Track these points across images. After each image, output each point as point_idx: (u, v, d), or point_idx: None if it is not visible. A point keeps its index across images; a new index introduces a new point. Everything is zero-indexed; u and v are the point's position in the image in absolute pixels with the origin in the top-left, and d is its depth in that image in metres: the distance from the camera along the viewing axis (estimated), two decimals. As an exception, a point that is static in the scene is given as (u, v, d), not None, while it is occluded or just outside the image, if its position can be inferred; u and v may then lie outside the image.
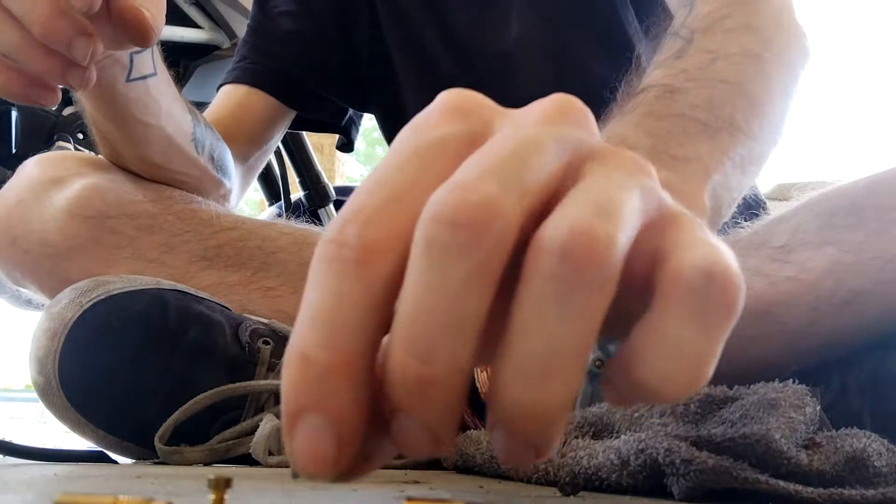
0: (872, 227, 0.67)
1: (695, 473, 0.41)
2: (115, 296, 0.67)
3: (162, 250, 0.76)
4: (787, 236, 0.70)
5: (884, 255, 0.66)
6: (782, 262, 0.69)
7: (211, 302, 0.72)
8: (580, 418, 0.53)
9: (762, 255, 0.70)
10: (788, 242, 0.70)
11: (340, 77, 1.03)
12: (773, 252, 0.70)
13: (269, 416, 0.65)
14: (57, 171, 0.79)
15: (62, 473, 0.55)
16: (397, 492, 0.47)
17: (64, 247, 0.75)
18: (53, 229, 0.75)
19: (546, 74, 0.94)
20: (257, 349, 0.69)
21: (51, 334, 0.66)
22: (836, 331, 0.67)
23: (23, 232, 0.76)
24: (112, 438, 0.67)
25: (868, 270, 0.66)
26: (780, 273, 0.69)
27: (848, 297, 0.67)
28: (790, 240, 0.70)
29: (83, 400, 0.66)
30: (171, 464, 0.64)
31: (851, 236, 0.67)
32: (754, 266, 0.70)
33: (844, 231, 0.68)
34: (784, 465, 0.43)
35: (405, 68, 0.99)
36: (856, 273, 0.66)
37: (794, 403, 0.49)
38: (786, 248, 0.69)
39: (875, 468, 0.46)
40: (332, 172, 4.55)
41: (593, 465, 0.46)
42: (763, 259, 0.70)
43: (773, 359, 0.68)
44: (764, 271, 0.69)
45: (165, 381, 0.66)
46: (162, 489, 0.45)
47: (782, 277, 0.68)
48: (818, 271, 0.67)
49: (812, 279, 0.68)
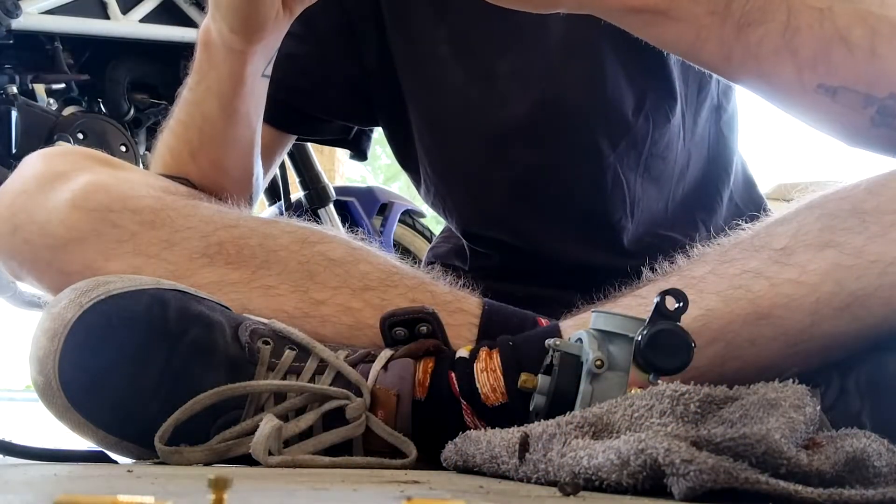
0: (873, 229, 0.67)
1: (695, 473, 0.41)
2: (116, 296, 0.67)
3: (163, 246, 0.76)
4: (788, 239, 0.70)
5: (884, 259, 0.66)
6: (783, 264, 0.69)
7: (211, 302, 0.72)
8: (580, 418, 0.53)
9: (763, 257, 0.70)
10: (789, 245, 0.69)
11: (345, 96, 1.02)
12: (775, 254, 0.70)
13: (268, 416, 0.65)
14: (62, 165, 0.79)
15: (62, 473, 0.55)
16: (397, 492, 0.47)
17: (65, 238, 0.75)
18: (55, 220, 0.75)
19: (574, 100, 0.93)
20: (257, 349, 0.69)
21: (51, 334, 0.66)
22: (836, 333, 0.67)
23: (25, 222, 0.76)
24: (112, 438, 0.67)
25: (868, 274, 0.66)
26: (781, 275, 0.69)
27: (848, 301, 0.67)
28: (791, 242, 0.69)
29: (83, 400, 0.66)
30: (171, 464, 0.64)
31: (852, 239, 0.67)
32: (755, 268, 0.70)
33: (845, 234, 0.68)
34: (784, 465, 0.43)
35: (412, 84, 0.98)
36: (856, 276, 0.66)
37: (794, 403, 0.49)
38: (787, 251, 0.69)
39: (875, 468, 0.46)
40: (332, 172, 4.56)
41: (593, 465, 0.46)
42: (764, 261, 0.70)
43: (773, 362, 0.68)
44: (765, 273, 0.69)
45: (165, 380, 0.66)
46: (162, 489, 0.45)
47: (783, 280, 0.68)
48: (819, 274, 0.67)
49: (813, 282, 0.67)
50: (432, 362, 0.71)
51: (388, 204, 2.11)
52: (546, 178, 0.93)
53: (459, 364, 0.70)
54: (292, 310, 0.76)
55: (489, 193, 0.96)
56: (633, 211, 0.93)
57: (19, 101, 1.76)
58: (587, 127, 0.91)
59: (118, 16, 1.86)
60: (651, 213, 0.94)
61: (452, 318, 0.77)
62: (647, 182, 0.93)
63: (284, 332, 0.71)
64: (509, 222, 0.96)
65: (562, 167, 0.93)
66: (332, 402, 0.67)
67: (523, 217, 0.95)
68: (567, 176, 0.93)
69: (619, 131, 0.91)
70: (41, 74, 1.85)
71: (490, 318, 0.78)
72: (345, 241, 0.81)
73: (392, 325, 0.72)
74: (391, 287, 0.78)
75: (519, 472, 0.53)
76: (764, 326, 0.68)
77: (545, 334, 0.71)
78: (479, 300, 0.80)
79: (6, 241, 0.77)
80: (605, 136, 0.91)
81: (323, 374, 0.69)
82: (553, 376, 0.63)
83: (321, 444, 0.67)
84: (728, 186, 1.00)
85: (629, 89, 0.91)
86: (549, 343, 0.64)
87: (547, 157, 0.93)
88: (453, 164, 0.98)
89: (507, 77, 0.93)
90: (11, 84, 1.78)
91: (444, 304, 0.77)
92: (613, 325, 0.62)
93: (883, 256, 0.66)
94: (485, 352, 0.71)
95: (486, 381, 0.69)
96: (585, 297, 0.77)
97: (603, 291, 0.77)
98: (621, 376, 0.61)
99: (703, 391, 0.52)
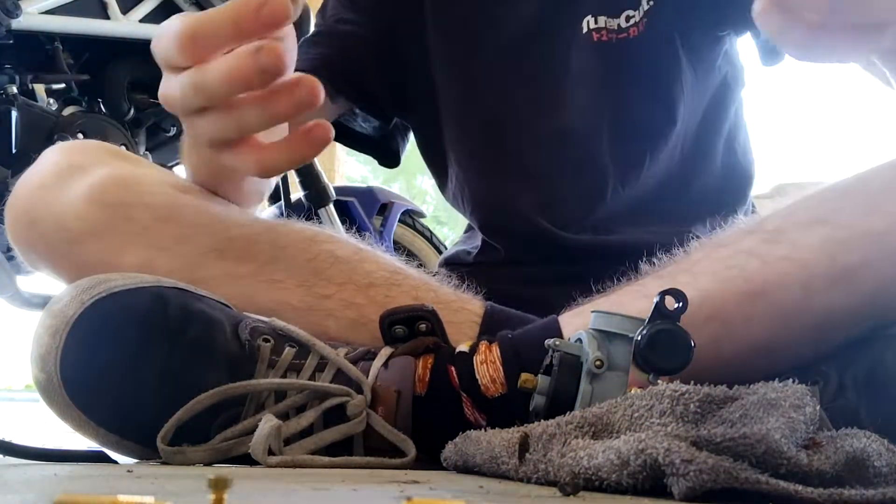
0: (862, 209, 0.68)
1: (695, 473, 0.41)
2: (117, 293, 0.67)
3: (175, 240, 0.77)
4: (779, 220, 0.72)
5: (875, 229, 0.67)
6: (775, 242, 0.70)
7: (211, 300, 0.72)
8: (580, 418, 0.53)
9: (755, 238, 0.71)
10: (781, 225, 0.71)
11: (386, 83, 1.04)
12: (766, 234, 0.71)
13: (268, 416, 0.65)
14: (81, 159, 0.80)
15: (62, 473, 0.55)
16: (397, 492, 0.47)
17: (79, 232, 0.75)
18: (71, 214, 0.76)
19: (599, 105, 0.96)
20: (257, 347, 0.69)
21: (52, 332, 0.66)
22: (829, 308, 0.68)
23: (42, 215, 0.77)
24: (113, 437, 0.67)
25: (860, 246, 0.67)
26: (774, 253, 0.69)
27: (841, 273, 0.67)
28: (782, 223, 0.71)
29: (84, 397, 0.66)
30: (173, 464, 0.64)
31: (842, 215, 0.69)
32: (747, 248, 0.71)
33: (836, 212, 0.69)
34: (784, 465, 0.43)
35: (446, 82, 1.01)
36: (848, 249, 0.67)
37: (794, 403, 0.49)
38: (779, 230, 0.71)
39: (875, 468, 0.46)
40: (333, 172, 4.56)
41: (593, 465, 0.46)
42: (756, 241, 0.71)
43: (768, 340, 0.69)
44: (757, 252, 0.70)
45: (166, 378, 0.66)
46: (162, 489, 0.45)
47: (775, 257, 0.69)
48: (810, 249, 0.68)
49: (804, 257, 0.68)
50: (432, 358, 0.71)
51: (388, 204, 2.11)
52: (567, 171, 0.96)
53: (459, 358, 0.71)
54: (297, 303, 0.77)
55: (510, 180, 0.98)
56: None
57: (19, 101, 1.76)
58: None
59: (118, 16, 1.86)
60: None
61: (455, 316, 0.78)
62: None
63: (285, 329, 0.71)
64: (527, 212, 0.97)
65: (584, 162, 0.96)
66: (332, 400, 0.67)
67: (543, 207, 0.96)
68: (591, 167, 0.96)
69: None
70: (41, 74, 1.86)
71: (492, 316, 0.79)
72: (352, 241, 0.83)
73: (392, 324, 0.72)
74: (395, 285, 0.79)
75: (519, 472, 0.53)
76: (758, 304, 0.69)
77: (543, 328, 0.72)
78: (481, 301, 0.81)
79: (25, 233, 0.78)
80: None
81: (323, 371, 0.70)
82: (553, 376, 0.63)
83: (322, 441, 0.67)
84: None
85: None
86: (549, 343, 0.64)
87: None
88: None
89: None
90: (11, 84, 1.78)
91: (446, 304, 0.78)
92: (613, 324, 0.62)
93: (875, 227, 0.67)
94: (484, 345, 0.71)
95: (486, 372, 0.70)
96: (585, 293, 0.78)
97: (602, 285, 0.77)
98: (621, 376, 0.61)
99: (702, 391, 0.52)
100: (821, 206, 0.70)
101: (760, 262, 0.69)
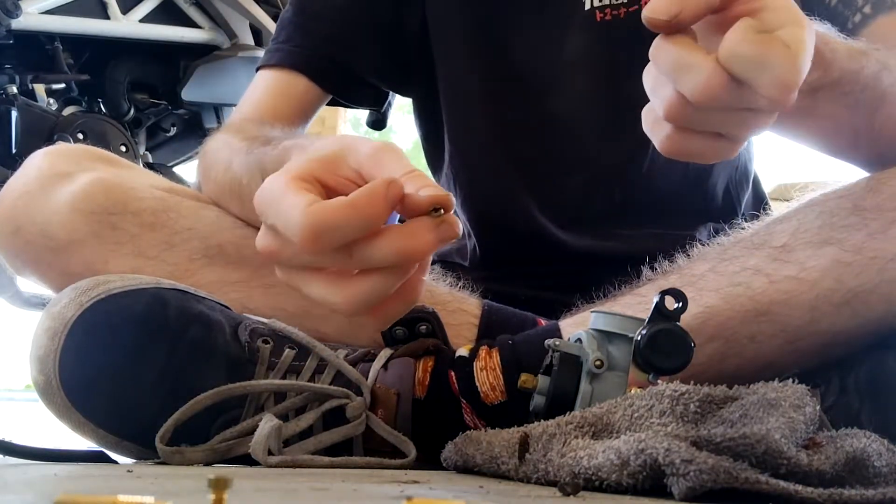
0: (873, 226, 0.67)
1: (695, 473, 0.41)
2: (116, 295, 0.67)
3: (162, 248, 0.76)
4: (787, 236, 0.70)
5: (884, 255, 0.66)
6: (783, 261, 0.69)
7: (211, 301, 0.72)
8: (580, 418, 0.53)
9: (763, 254, 0.70)
10: (789, 242, 0.70)
11: (386, 60, 0.99)
12: (774, 252, 0.70)
13: (268, 416, 0.65)
14: (65, 165, 0.79)
15: (62, 473, 0.55)
16: (397, 492, 0.47)
17: (65, 240, 0.75)
18: (56, 223, 0.75)
19: (597, 91, 0.93)
20: (257, 348, 0.69)
21: (51, 333, 0.66)
22: (835, 330, 0.67)
23: (26, 223, 0.76)
24: (112, 438, 0.67)
25: (868, 270, 0.66)
26: (781, 272, 0.69)
27: (847, 297, 0.67)
28: (791, 240, 0.70)
29: (83, 398, 0.66)
30: (172, 464, 0.64)
31: (852, 236, 0.67)
32: (755, 265, 0.70)
33: (845, 231, 0.68)
34: (784, 465, 0.43)
35: (443, 56, 0.97)
36: (856, 273, 0.67)
37: (794, 403, 0.49)
38: (786, 248, 0.69)
39: (875, 468, 0.46)
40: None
41: (593, 465, 0.46)
42: (763, 259, 0.70)
43: (773, 359, 0.68)
44: (764, 270, 0.69)
45: (165, 379, 0.66)
46: (162, 489, 0.45)
47: (783, 276, 0.68)
48: (819, 270, 0.67)
49: (812, 278, 0.68)
50: (432, 361, 0.71)
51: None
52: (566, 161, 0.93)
53: (459, 363, 0.70)
54: (293, 308, 0.76)
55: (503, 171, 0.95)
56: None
57: (19, 101, 1.76)
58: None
59: (118, 16, 1.86)
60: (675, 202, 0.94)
61: (452, 317, 0.77)
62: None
63: (284, 331, 0.71)
64: (518, 204, 0.94)
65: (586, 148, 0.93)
66: (332, 402, 0.67)
67: (534, 201, 0.94)
68: (587, 156, 0.93)
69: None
70: (41, 74, 1.86)
71: (490, 317, 0.78)
72: None
73: (392, 325, 0.72)
74: None
75: (519, 472, 0.53)
76: (763, 323, 0.68)
77: (545, 333, 0.71)
78: (478, 301, 0.80)
79: (9, 240, 0.77)
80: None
81: (323, 373, 0.69)
82: (553, 376, 0.63)
83: (321, 443, 0.67)
84: (746, 192, 1.01)
85: None
86: (549, 343, 0.64)
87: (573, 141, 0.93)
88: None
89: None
90: (11, 84, 1.78)
91: (443, 304, 0.77)
92: (613, 325, 0.62)
93: (882, 253, 0.66)
94: (484, 351, 0.71)
95: (486, 379, 0.69)
96: (585, 297, 0.77)
97: (603, 290, 0.76)
98: (621, 376, 0.61)
99: (702, 391, 0.52)
100: (831, 224, 0.69)
101: (767, 281, 0.69)
